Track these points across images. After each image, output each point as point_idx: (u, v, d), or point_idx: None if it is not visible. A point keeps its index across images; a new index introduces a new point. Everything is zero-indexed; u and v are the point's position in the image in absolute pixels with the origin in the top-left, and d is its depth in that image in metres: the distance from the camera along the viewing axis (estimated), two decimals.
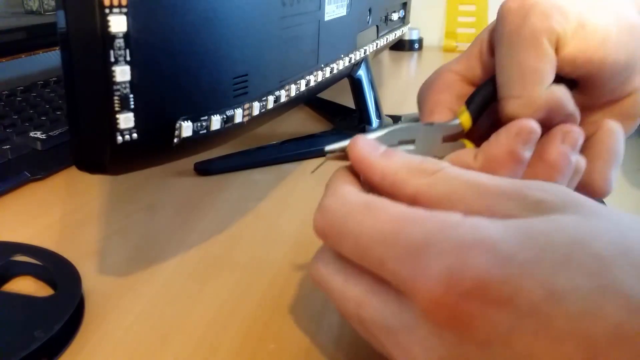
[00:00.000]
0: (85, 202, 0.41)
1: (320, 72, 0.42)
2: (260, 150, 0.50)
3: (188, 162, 0.48)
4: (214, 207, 0.42)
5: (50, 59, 0.76)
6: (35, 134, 0.48)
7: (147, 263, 0.34)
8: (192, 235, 0.37)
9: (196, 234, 0.38)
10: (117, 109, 0.24)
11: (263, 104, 0.33)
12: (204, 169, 0.47)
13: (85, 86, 0.24)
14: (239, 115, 0.31)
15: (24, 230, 0.37)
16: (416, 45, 1.13)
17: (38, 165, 0.45)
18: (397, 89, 0.81)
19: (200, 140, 0.29)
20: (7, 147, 0.45)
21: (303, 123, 0.62)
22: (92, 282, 0.32)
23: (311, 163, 0.51)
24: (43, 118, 0.53)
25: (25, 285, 0.31)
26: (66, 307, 0.28)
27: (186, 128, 0.27)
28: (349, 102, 0.59)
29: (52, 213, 0.40)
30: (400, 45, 1.12)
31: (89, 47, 0.23)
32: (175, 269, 0.34)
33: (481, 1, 1.18)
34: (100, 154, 0.25)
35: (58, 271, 0.31)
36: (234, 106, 0.30)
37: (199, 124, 0.28)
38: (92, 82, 0.24)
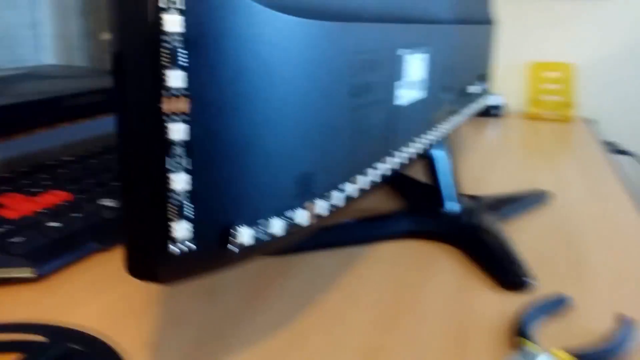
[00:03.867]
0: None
1: (395, 159, 0.40)
2: (327, 231, 0.48)
3: None
4: (277, 294, 0.40)
5: None
6: (105, 201, 0.49)
7: None
8: (253, 329, 0.36)
9: (257, 328, 0.36)
10: (171, 217, 0.23)
11: (331, 203, 0.31)
12: None
13: (141, 191, 0.23)
14: (304, 216, 0.29)
15: (83, 309, 0.37)
16: (498, 111, 1.09)
17: (106, 235, 0.45)
18: (477, 159, 0.78)
19: (263, 245, 0.27)
20: (78, 215, 0.46)
21: (376, 197, 0.60)
22: None
23: (383, 247, 0.48)
24: (116, 184, 0.53)
25: None
26: None
27: (246, 235, 0.26)
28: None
29: (113, 290, 0.39)
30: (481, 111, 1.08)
31: (147, 153, 0.22)
32: None
33: (566, 68, 1.13)
34: (152, 264, 0.24)
35: None
36: (297, 207, 0.28)
37: (259, 230, 0.26)
38: (147, 188, 0.23)
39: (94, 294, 0.39)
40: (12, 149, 0.58)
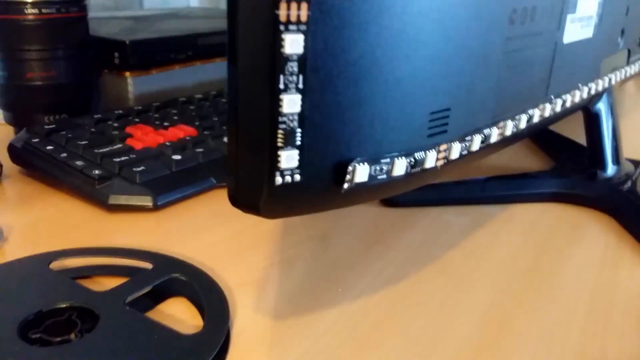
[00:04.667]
0: (259, 220, 0.39)
1: (548, 105, 0.34)
2: (458, 186, 0.43)
3: None
4: (393, 247, 0.36)
5: None
6: None
7: (307, 307, 0.30)
8: (362, 281, 0.32)
9: (367, 280, 0.32)
10: (280, 144, 0.20)
11: (465, 146, 0.26)
12: (390, 200, 0.42)
13: (248, 113, 0.20)
14: (431, 158, 0.24)
15: (193, 242, 0.36)
16: None
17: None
18: None
19: (377, 187, 0.23)
20: (201, 150, 0.45)
21: (515, 155, 0.53)
22: (243, 320, 0.29)
23: (520, 209, 0.42)
24: None
25: (177, 310, 0.29)
26: (206, 353, 0.25)
27: (361, 172, 0.22)
28: (578, 135, 0.49)
29: (225, 226, 0.38)
30: None
31: (256, 69, 0.19)
32: (335, 323, 0.29)
33: None
34: (255, 194, 0.21)
35: (210, 303, 0.28)
36: (426, 147, 0.24)
37: (377, 168, 0.23)
38: (255, 110, 0.20)
39: (206, 228, 0.38)
40: (150, 84, 0.59)
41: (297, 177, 0.21)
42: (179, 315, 0.29)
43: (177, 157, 0.44)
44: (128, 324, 0.26)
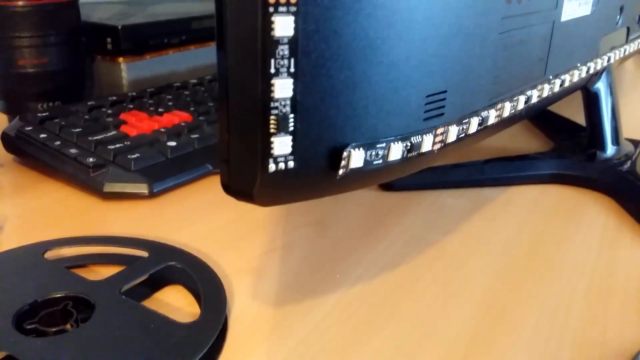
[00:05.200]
0: (256, 207, 0.38)
1: (546, 86, 0.33)
2: (456, 169, 0.43)
3: None
4: (391, 232, 0.36)
5: None
6: None
7: (305, 293, 0.30)
8: (360, 267, 0.32)
9: (365, 266, 0.32)
10: (272, 130, 0.20)
11: (462, 129, 0.26)
12: (387, 184, 0.41)
13: (239, 99, 0.20)
14: (427, 142, 0.24)
15: (189, 229, 0.35)
16: None
17: None
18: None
19: (373, 172, 0.23)
20: (196, 136, 0.44)
21: (514, 137, 0.53)
22: (241, 307, 0.28)
23: (519, 191, 0.42)
24: None
25: (174, 298, 0.29)
26: (203, 341, 0.24)
27: (357, 157, 0.22)
28: (576, 115, 0.48)
29: (221, 214, 0.38)
30: None
31: (246, 53, 0.19)
32: (334, 308, 0.29)
33: None
34: (248, 182, 0.21)
35: (206, 291, 0.28)
36: (422, 131, 0.24)
37: (373, 153, 0.22)
38: (246, 96, 0.19)
39: (202, 215, 0.37)
40: (143, 69, 0.59)
41: (291, 164, 0.20)
42: (176, 303, 0.29)
43: (172, 143, 0.43)
44: (124, 313, 0.26)
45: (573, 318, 0.28)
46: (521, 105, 0.31)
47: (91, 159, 0.40)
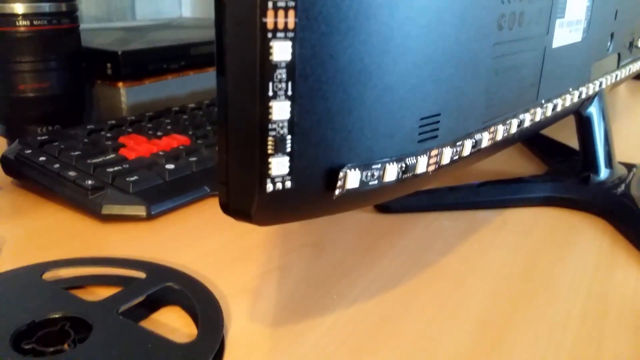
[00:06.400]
0: (253, 228, 0.39)
1: (539, 110, 0.34)
2: (452, 191, 0.43)
3: None
4: (388, 254, 0.36)
5: None
6: None
7: (302, 314, 0.30)
8: (357, 287, 0.32)
9: (361, 286, 0.32)
10: (270, 151, 0.20)
11: (456, 151, 0.27)
12: (384, 206, 0.42)
13: (238, 121, 0.20)
14: (422, 164, 0.25)
15: (186, 251, 0.36)
16: None
17: None
18: (635, 126, 0.67)
19: (368, 193, 0.23)
20: (194, 159, 0.45)
21: (509, 161, 0.53)
22: (238, 327, 0.29)
23: (514, 213, 0.42)
24: None
25: (171, 318, 0.29)
26: None
27: (352, 178, 0.22)
28: (570, 139, 0.49)
29: (219, 235, 0.38)
30: None
31: (245, 76, 0.19)
32: (330, 330, 0.29)
33: None
34: (246, 202, 0.21)
35: (204, 311, 0.28)
36: (417, 153, 0.24)
37: (369, 174, 0.23)
38: (245, 117, 0.20)
39: (200, 237, 0.38)
40: (143, 94, 0.59)
41: (288, 184, 0.21)
42: (173, 324, 0.29)
43: (171, 166, 0.44)
44: (122, 334, 0.26)
45: (568, 339, 0.28)
46: (514, 129, 0.32)
47: (90, 182, 0.40)
